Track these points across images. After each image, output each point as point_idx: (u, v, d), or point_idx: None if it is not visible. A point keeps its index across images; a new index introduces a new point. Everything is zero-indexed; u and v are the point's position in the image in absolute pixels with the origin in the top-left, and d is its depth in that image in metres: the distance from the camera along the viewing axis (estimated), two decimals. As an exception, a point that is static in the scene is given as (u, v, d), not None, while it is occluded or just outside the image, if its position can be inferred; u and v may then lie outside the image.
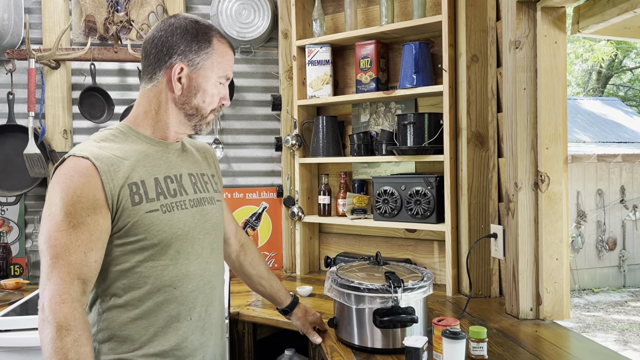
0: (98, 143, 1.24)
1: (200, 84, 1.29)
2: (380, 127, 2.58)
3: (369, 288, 1.55)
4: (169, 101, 1.30)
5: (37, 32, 2.67)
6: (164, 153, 1.32)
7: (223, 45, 1.32)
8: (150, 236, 1.22)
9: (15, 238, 2.67)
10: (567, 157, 1.89)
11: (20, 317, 1.98)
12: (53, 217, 1.13)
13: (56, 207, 1.13)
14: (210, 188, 1.43)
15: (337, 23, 2.72)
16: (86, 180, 1.15)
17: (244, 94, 2.85)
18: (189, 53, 1.27)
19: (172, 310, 1.26)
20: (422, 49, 2.32)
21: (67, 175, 1.16)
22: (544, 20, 1.86)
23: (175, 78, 1.27)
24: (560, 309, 1.88)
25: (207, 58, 1.29)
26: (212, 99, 1.32)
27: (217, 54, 1.30)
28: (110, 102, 2.67)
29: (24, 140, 2.49)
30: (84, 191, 1.14)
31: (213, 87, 1.31)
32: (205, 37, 1.29)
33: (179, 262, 1.27)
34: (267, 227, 2.83)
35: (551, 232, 1.87)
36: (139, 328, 1.23)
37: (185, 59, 1.27)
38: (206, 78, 1.29)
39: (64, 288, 1.10)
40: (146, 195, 1.23)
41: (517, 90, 1.90)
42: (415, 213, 2.29)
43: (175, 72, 1.27)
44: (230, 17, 2.71)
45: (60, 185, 1.15)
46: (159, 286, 1.24)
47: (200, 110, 1.32)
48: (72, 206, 1.13)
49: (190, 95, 1.29)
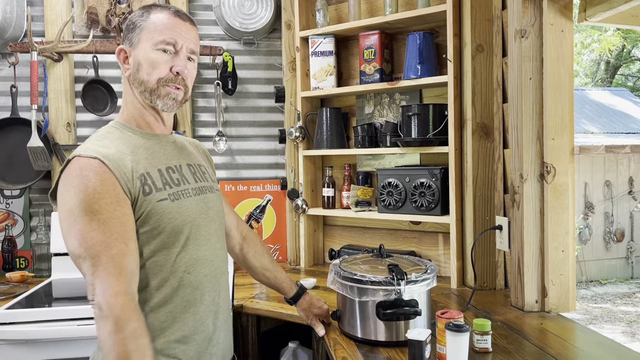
0: (100, 141, 1.25)
1: (139, 57, 1.29)
2: (384, 118, 2.56)
3: (372, 280, 1.54)
4: (128, 85, 1.33)
5: (39, 25, 2.66)
6: (160, 146, 1.34)
7: (160, 14, 1.30)
8: (163, 224, 1.23)
9: (20, 231, 2.68)
10: (573, 147, 1.86)
11: (26, 309, 1.98)
12: (79, 221, 1.12)
13: (79, 210, 1.12)
14: (208, 178, 1.46)
15: (340, 13, 2.69)
16: (102, 177, 1.15)
17: (247, 86, 2.84)
18: (128, 34, 1.32)
19: (188, 295, 1.28)
20: (427, 39, 2.29)
21: (80, 175, 1.14)
22: (550, 9, 1.83)
23: (122, 61, 1.32)
24: (565, 301, 1.86)
25: (141, 31, 1.29)
26: (154, 68, 1.28)
27: (151, 23, 1.29)
28: (113, 94, 2.66)
29: (28, 133, 2.49)
30: (104, 187, 1.14)
31: (151, 55, 1.27)
32: (142, 14, 1.31)
33: (190, 248, 1.29)
34: (271, 219, 2.82)
35: (557, 223, 1.85)
36: (159, 315, 1.24)
37: (127, 41, 1.32)
38: (142, 49, 1.29)
39: (114, 281, 1.09)
40: (154, 185, 1.24)
41: (523, 80, 1.87)
42: (420, 205, 2.27)
43: (119, 55, 1.32)
44: (233, 8, 2.69)
45: (76, 187, 1.14)
46: (174, 272, 1.25)
47: (146, 84, 1.29)
48: (96, 203, 1.12)
49: (135, 71, 1.30)
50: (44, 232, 2.59)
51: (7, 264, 2.61)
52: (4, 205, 2.67)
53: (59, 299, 2.18)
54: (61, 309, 2.00)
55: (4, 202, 2.67)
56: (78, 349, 1.95)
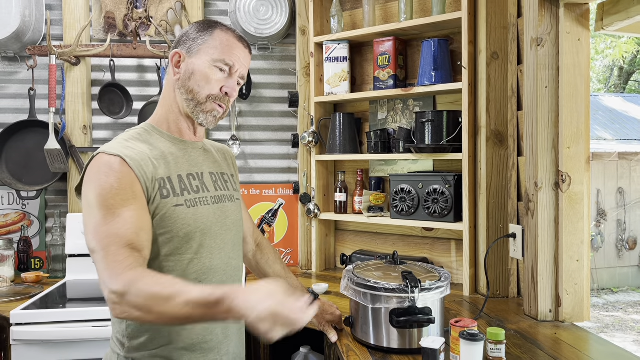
0: (125, 142, 1.27)
1: (194, 67, 1.31)
2: (397, 124, 2.57)
3: (386, 288, 1.54)
4: (172, 89, 1.35)
5: (57, 29, 2.70)
6: (186, 152, 1.36)
7: (225, 34, 1.34)
8: (176, 229, 1.24)
9: (36, 232, 2.71)
10: (589, 156, 1.85)
11: (40, 310, 2.01)
12: (95, 214, 1.14)
13: (96, 203, 1.15)
14: (230, 187, 1.47)
15: (355, 19, 2.70)
16: (122, 175, 1.17)
17: (261, 91, 2.85)
18: (188, 41, 1.34)
19: None
20: (441, 45, 2.29)
21: (100, 172, 1.17)
22: (567, 17, 1.83)
23: (174, 63, 1.34)
24: (580, 311, 1.85)
25: (204, 42, 1.32)
26: (207, 83, 1.30)
27: (215, 39, 1.32)
28: (129, 98, 2.69)
29: (45, 135, 2.52)
30: (122, 184, 1.17)
31: (207, 70, 1.30)
32: (208, 28, 1.34)
33: (203, 256, 1.29)
34: (283, 223, 2.83)
35: (572, 233, 1.84)
36: None
37: (184, 47, 1.34)
38: (200, 60, 1.31)
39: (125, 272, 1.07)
40: (173, 190, 1.26)
41: (539, 89, 1.86)
42: (433, 212, 2.27)
43: (173, 58, 1.34)
44: (248, 13, 2.71)
45: (96, 182, 1.17)
46: (184, 279, 1.24)
47: (195, 95, 1.31)
48: (112, 199, 1.14)
49: (186, 78, 1.32)
50: (59, 234, 2.62)
51: (22, 265, 2.64)
52: (20, 206, 2.71)
53: (73, 300, 2.21)
54: (76, 310, 2.03)
55: (20, 203, 2.70)
56: (93, 350, 1.98)
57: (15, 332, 1.95)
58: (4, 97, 2.72)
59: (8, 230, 2.70)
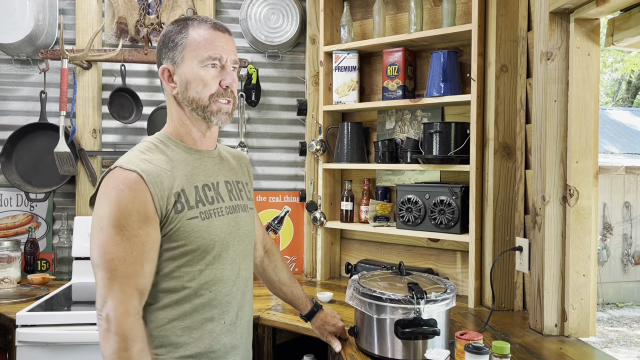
0: (143, 154, 1.27)
1: (186, 75, 1.29)
2: (405, 134, 2.57)
3: (391, 298, 1.54)
4: (175, 102, 1.35)
5: (70, 33, 2.73)
6: (201, 162, 1.36)
7: (198, 30, 1.30)
8: (190, 242, 1.25)
9: (43, 234, 2.73)
10: (597, 171, 1.85)
11: (46, 312, 2.02)
12: (105, 231, 1.15)
13: (108, 221, 1.15)
14: (244, 196, 1.46)
15: (365, 30, 2.72)
16: (136, 195, 1.18)
17: (270, 98, 2.87)
18: (169, 52, 1.31)
19: (206, 313, 1.29)
20: (451, 57, 2.30)
21: (117, 189, 1.17)
22: (577, 32, 1.83)
23: (166, 79, 1.33)
24: (585, 326, 1.84)
25: (183, 48, 1.29)
26: (204, 85, 1.29)
27: (192, 40, 1.29)
28: (139, 103, 2.71)
29: (55, 138, 2.54)
30: (135, 205, 1.17)
31: (199, 73, 1.28)
32: (180, 30, 1.30)
33: (215, 267, 1.30)
34: (288, 231, 2.83)
35: (579, 247, 1.83)
36: (176, 329, 1.26)
37: (168, 59, 1.31)
38: (188, 67, 1.29)
39: (126, 300, 1.14)
40: (187, 203, 1.26)
41: (548, 102, 1.87)
42: (439, 223, 2.27)
43: (163, 74, 1.32)
44: (259, 21, 2.73)
45: (110, 198, 1.17)
46: (195, 290, 1.27)
47: (198, 101, 1.30)
48: (124, 219, 1.16)
49: (183, 90, 1.31)
50: (66, 236, 2.63)
51: (29, 266, 2.65)
52: (29, 208, 2.73)
53: (78, 303, 2.22)
54: (81, 313, 2.04)
55: (28, 205, 2.72)
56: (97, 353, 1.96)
57: (20, 334, 1.96)
58: (16, 99, 2.75)
59: (16, 231, 2.72)
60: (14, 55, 2.69)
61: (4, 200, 2.72)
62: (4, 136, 2.66)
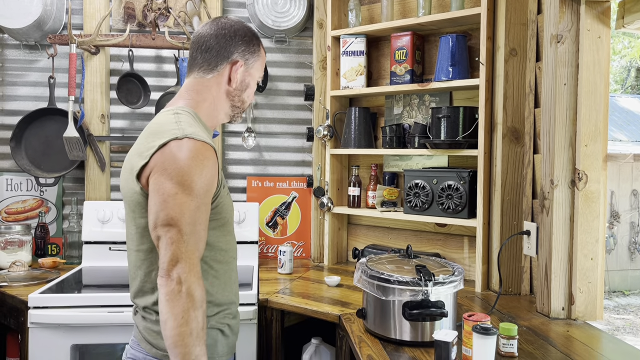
0: (195, 129, 1.31)
1: (249, 81, 1.46)
2: (413, 119, 2.57)
3: (399, 280, 1.55)
4: (224, 92, 1.44)
5: (78, 18, 2.73)
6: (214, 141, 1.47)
7: (263, 51, 1.50)
8: (224, 214, 1.39)
9: (53, 218, 2.75)
10: (606, 155, 1.85)
11: (57, 294, 2.04)
12: (187, 194, 1.21)
13: (189, 186, 1.22)
14: None
15: (372, 14, 2.70)
16: (214, 171, 1.28)
17: (277, 84, 2.87)
18: (246, 53, 1.43)
19: (231, 271, 1.46)
20: (459, 41, 2.28)
21: (199, 158, 1.24)
22: (587, 14, 1.82)
23: (235, 72, 1.42)
24: (593, 310, 1.85)
25: (256, 60, 1.46)
26: (251, 95, 1.49)
27: (261, 58, 1.49)
28: (146, 88, 2.71)
29: (64, 123, 2.56)
30: (212, 179, 1.27)
31: (254, 86, 1.49)
32: (256, 42, 1.47)
33: (232, 235, 1.46)
34: (296, 216, 2.84)
35: (587, 231, 1.83)
36: (214, 286, 1.38)
37: (243, 58, 1.43)
38: (253, 77, 1.47)
39: (197, 263, 1.23)
40: (223, 178, 1.40)
41: (557, 86, 1.86)
42: (447, 207, 2.27)
43: (237, 66, 1.41)
44: (266, 6, 2.71)
45: (195, 168, 1.23)
46: (226, 251, 1.42)
47: (244, 104, 1.48)
48: (205, 191, 1.25)
49: (241, 89, 1.45)
50: (75, 220, 2.65)
51: (39, 250, 2.69)
52: (39, 192, 2.75)
53: (89, 286, 2.24)
54: (92, 295, 2.07)
55: (38, 190, 2.75)
56: (107, 335, 2.01)
57: (32, 315, 1.99)
58: (25, 84, 2.76)
59: (26, 216, 2.75)
60: (22, 40, 2.70)
61: (14, 185, 2.74)
62: (14, 121, 2.67)
